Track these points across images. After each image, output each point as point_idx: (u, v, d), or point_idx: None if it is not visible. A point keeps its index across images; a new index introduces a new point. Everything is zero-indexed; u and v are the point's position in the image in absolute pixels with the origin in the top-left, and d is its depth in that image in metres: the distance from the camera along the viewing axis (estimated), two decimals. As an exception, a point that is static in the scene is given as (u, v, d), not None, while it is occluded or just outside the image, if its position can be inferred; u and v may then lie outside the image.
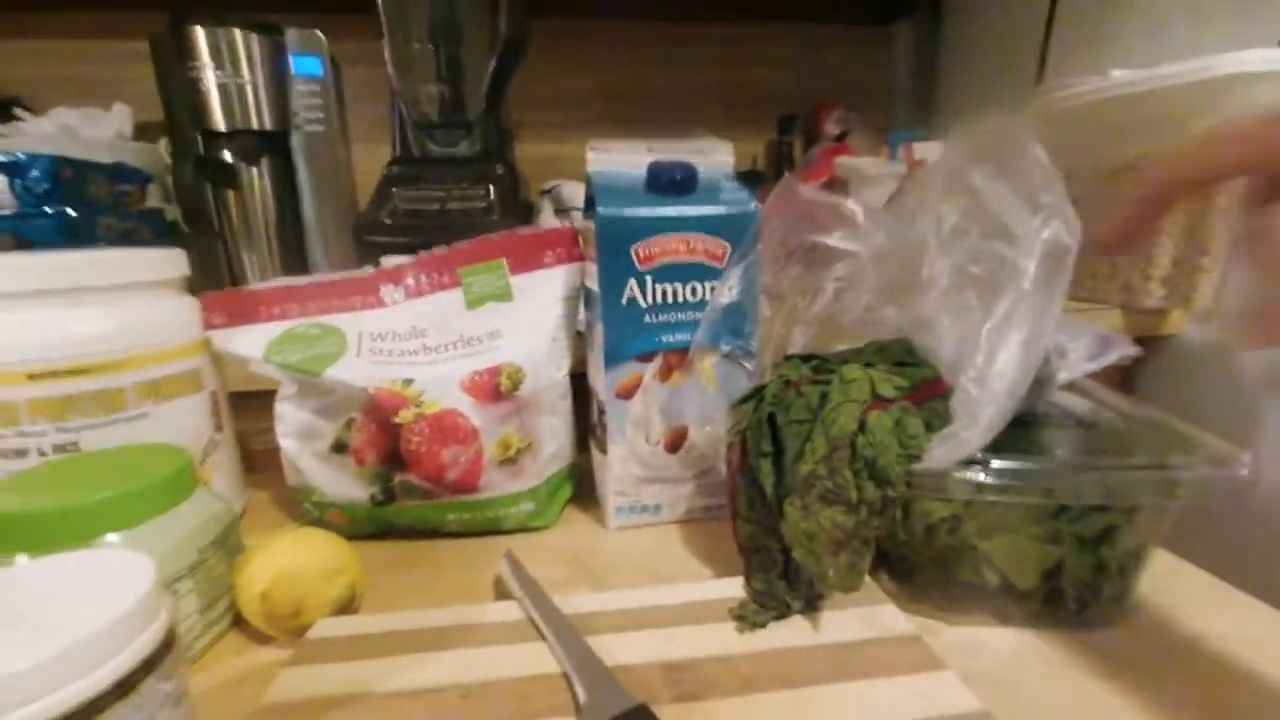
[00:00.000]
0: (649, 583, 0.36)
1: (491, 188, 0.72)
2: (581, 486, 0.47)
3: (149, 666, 0.21)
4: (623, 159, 0.41)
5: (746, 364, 0.41)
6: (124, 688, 0.20)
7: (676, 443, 0.42)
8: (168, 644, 0.22)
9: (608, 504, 0.42)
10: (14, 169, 0.67)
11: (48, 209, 0.69)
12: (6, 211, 0.67)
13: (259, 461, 0.50)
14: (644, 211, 0.38)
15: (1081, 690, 0.28)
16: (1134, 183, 0.24)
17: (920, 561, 0.34)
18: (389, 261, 0.44)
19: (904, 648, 0.28)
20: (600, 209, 0.38)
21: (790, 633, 0.29)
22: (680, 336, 0.40)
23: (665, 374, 0.40)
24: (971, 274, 0.33)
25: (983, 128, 0.36)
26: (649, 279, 0.38)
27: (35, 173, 0.68)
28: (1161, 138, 0.66)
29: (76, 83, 0.99)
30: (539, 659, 0.27)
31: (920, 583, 0.34)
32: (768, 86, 1.23)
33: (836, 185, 0.73)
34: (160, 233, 0.82)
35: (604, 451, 0.42)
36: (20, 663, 0.18)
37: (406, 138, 0.73)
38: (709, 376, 0.41)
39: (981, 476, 0.29)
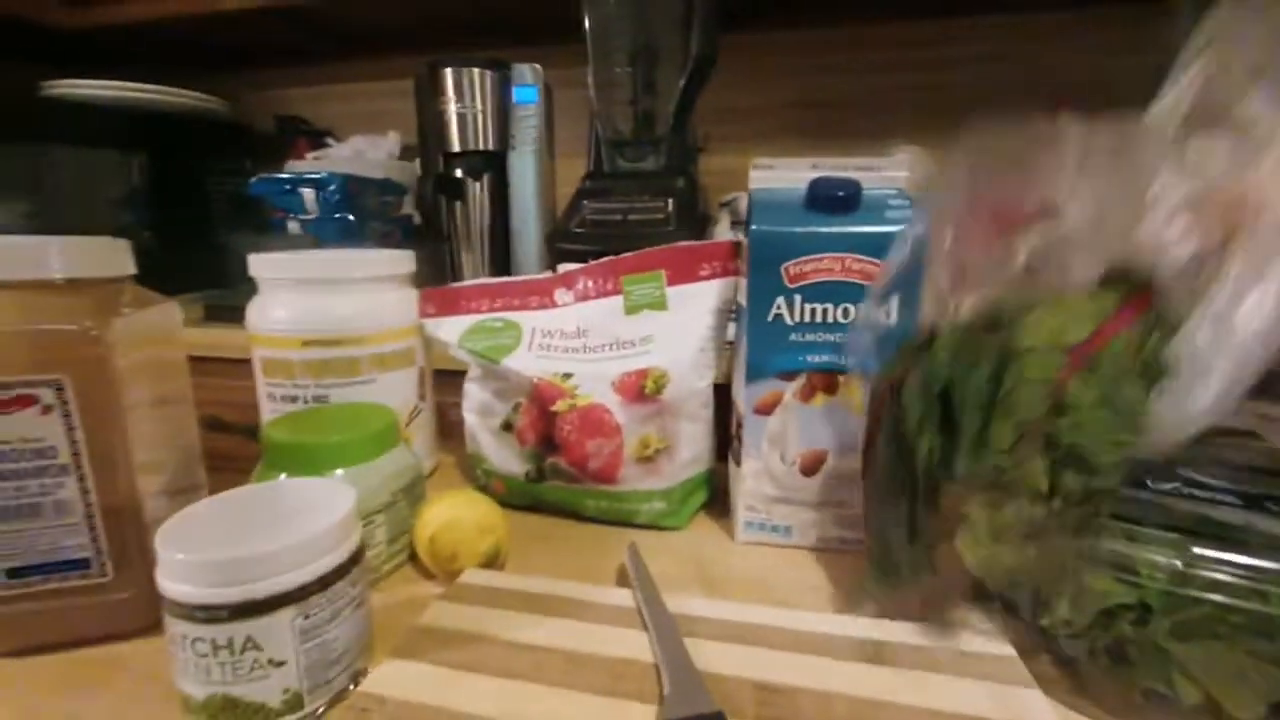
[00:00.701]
0: (764, 601, 0.35)
1: (670, 200, 0.76)
2: (716, 496, 0.47)
3: (341, 572, 0.27)
4: (787, 175, 0.41)
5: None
6: (324, 582, 0.26)
7: (814, 466, 0.40)
8: (356, 558, 0.28)
9: (737, 517, 0.43)
10: (319, 184, 0.87)
11: (336, 215, 0.89)
12: (310, 217, 0.88)
13: (453, 430, 0.59)
14: (798, 229, 0.38)
15: None
16: None
17: (1092, 649, 0.29)
18: (564, 268, 0.49)
19: (1041, 740, 0.24)
20: (754, 225, 0.38)
21: (902, 686, 0.27)
22: (826, 357, 0.38)
23: (808, 394, 0.39)
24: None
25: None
26: (798, 297, 0.38)
27: (332, 187, 0.88)
28: None
29: (367, 116, 1.26)
30: (638, 647, 0.29)
31: (1090, 675, 0.29)
32: (979, 87, 1.10)
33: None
34: (408, 235, 1.01)
35: (738, 464, 0.42)
36: (262, 547, 0.25)
37: (600, 154, 0.80)
38: (856, 403, 0.39)
39: (1180, 564, 0.24)
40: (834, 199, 0.38)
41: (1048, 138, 0.32)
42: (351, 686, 0.27)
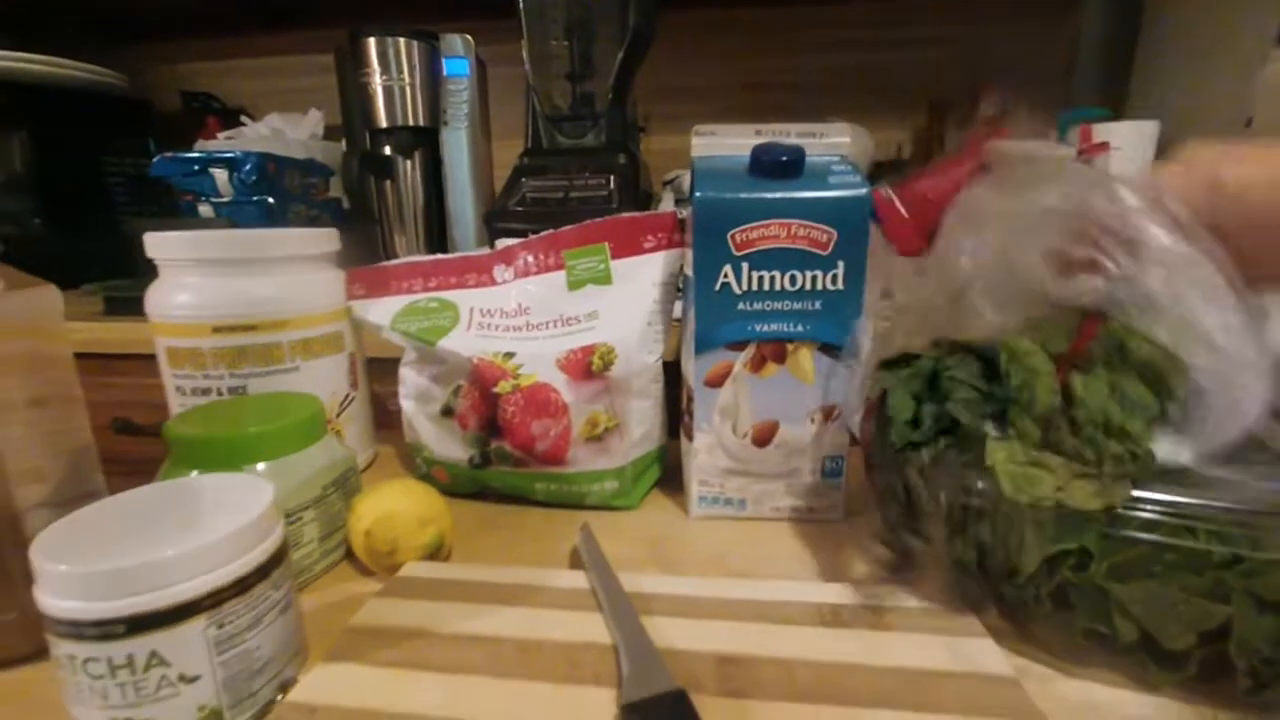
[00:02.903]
0: (720, 575, 0.35)
1: (612, 177, 0.74)
2: (671, 473, 0.47)
3: (261, 573, 0.24)
4: (729, 143, 0.40)
5: (850, 360, 0.39)
6: (241, 586, 0.23)
7: (766, 437, 0.40)
8: (278, 558, 0.25)
9: (691, 492, 0.42)
10: (233, 164, 0.81)
11: (254, 197, 0.82)
12: (225, 200, 0.81)
13: (393, 421, 0.56)
14: (743, 195, 0.37)
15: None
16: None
17: (1038, 596, 0.29)
18: (503, 243, 0.47)
19: (995, 688, 0.24)
20: (698, 192, 0.37)
21: (862, 648, 0.27)
22: (775, 326, 0.38)
23: (758, 364, 0.39)
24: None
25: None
26: (745, 265, 0.37)
27: (248, 167, 0.81)
28: None
29: (286, 94, 1.17)
30: (595, 629, 0.27)
31: (1034, 622, 0.30)
32: (917, 69, 1.14)
33: (983, 173, 0.65)
34: (338, 219, 0.95)
35: (690, 438, 0.41)
36: (161, 552, 0.22)
37: (538, 131, 0.77)
38: (806, 371, 0.39)
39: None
40: (778, 164, 0.37)
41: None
42: (279, 697, 0.25)
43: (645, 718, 0.21)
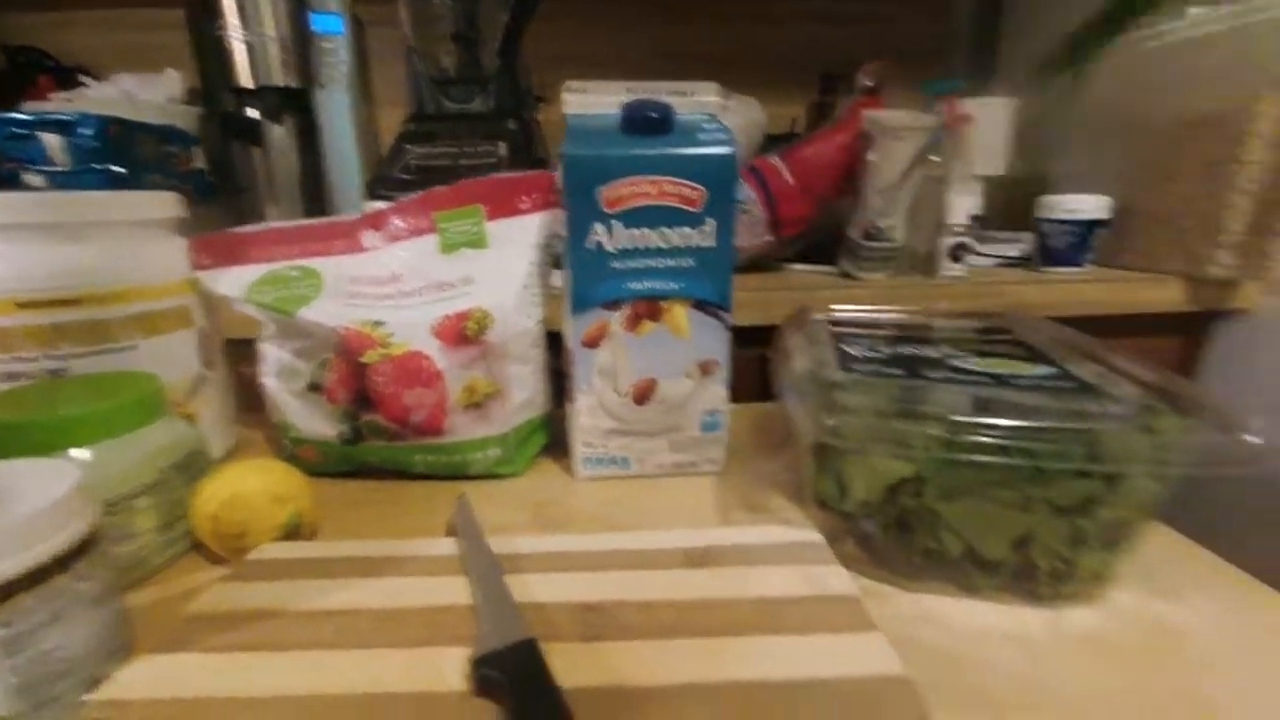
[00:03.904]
0: (603, 532, 0.35)
1: (503, 144, 0.72)
2: (558, 439, 0.46)
3: (61, 565, 0.22)
4: (601, 100, 0.39)
5: (723, 315, 0.40)
6: (33, 579, 0.21)
7: (645, 394, 0.40)
8: (84, 548, 0.23)
9: (575, 454, 0.42)
10: (65, 127, 0.71)
11: (95, 166, 0.73)
12: (58, 169, 0.72)
13: (261, 402, 0.52)
14: (612, 151, 0.36)
15: (1031, 673, 0.25)
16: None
17: (885, 524, 0.32)
18: (371, 207, 0.44)
19: (838, 607, 0.26)
20: (568, 150, 0.36)
21: (723, 584, 0.28)
22: (650, 284, 0.38)
23: (633, 323, 0.39)
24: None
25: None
26: (616, 223, 0.37)
27: (84, 131, 0.72)
28: (1238, 86, 0.59)
29: (134, 50, 1.04)
30: (458, 592, 0.27)
31: (882, 548, 0.32)
32: (810, 44, 1.17)
33: (862, 140, 0.68)
34: (204, 192, 0.86)
35: (572, 401, 0.41)
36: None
37: (422, 95, 0.73)
38: (681, 327, 0.39)
39: (943, 431, 0.27)
40: (647, 120, 0.37)
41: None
42: (88, 697, 0.22)
43: (494, 668, 0.21)
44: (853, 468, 0.31)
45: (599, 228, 0.37)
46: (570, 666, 0.22)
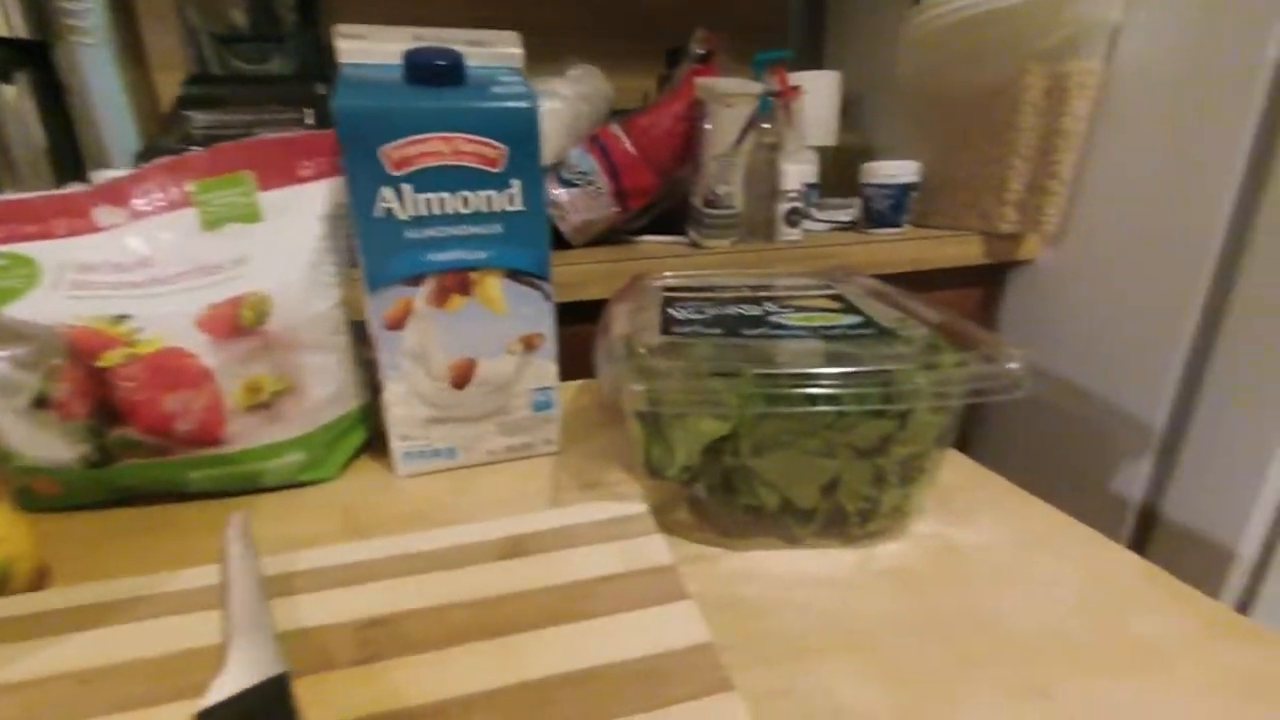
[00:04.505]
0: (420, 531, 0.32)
1: (311, 111, 0.63)
2: (383, 431, 0.42)
3: None
4: (383, 49, 0.35)
5: (542, 285, 0.37)
6: None
7: (465, 376, 0.37)
8: None
9: (394, 449, 0.38)
10: None
11: None
12: None
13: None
14: (395, 104, 0.32)
15: (840, 612, 0.26)
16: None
17: (710, 486, 0.31)
18: (103, 176, 0.36)
19: (652, 580, 0.25)
20: (338, 101, 0.31)
21: (533, 573, 0.26)
22: (454, 254, 0.35)
23: (441, 298, 0.35)
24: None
25: None
26: (407, 187, 0.33)
27: None
28: (1011, 60, 0.66)
29: None
30: (204, 630, 0.22)
31: (711, 510, 0.32)
32: (658, 18, 1.16)
33: (697, 107, 0.68)
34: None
35: (382, 390, 0.37)
36: None
37: (203, 53, 0.62)
38: (495, 300, 0.36)
39: (748, 386, 0.26)
40: (434, 69, 0.33)
41: None
42: None
43: (225, 718, 0.17)
44: (675, 432, 0.30)
45: (387, 193, 0.33)
46: (335, 697, 0.19)
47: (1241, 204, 0.58)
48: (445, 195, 0.33)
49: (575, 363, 0.44)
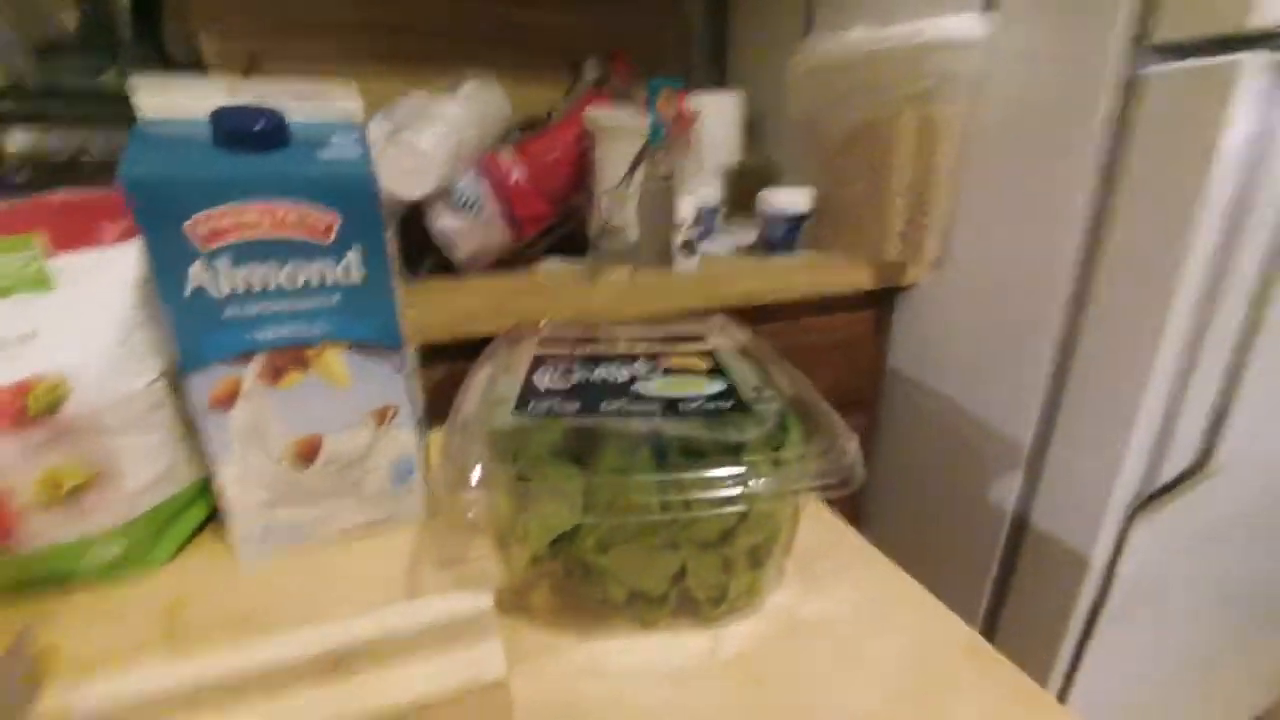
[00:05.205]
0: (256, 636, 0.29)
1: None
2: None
3: None
4: (191, 104, 0.31)
5: (393, 354, 0.35)
6: None
7: (309, 453, 0.34)
8: None
9: (233, 535, 0.35)
10: None
11: None
12: None
13: None
14: (196, 172, 0.29)
15: (677, 708, 0.26)
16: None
17: (566, 571, 0.30)
18: None
19: (479, 703, 0.24)
20: (127, 169, 0.28)
21: (354, 699, 0.24)
22: (284, 330, 0.32)
23: (274, 376, 0.32)
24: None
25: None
26: (221, 262, 0.30)
27: None
28: (885, 101, 0.68)
29: None
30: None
31: (554, 595, 0.31)
32: (559, 31, 1.13)
33: (588, 139, 0.67)
34: None
35: (214, 475, 0.33)
36: None
37: (14, 63, 0.55)
38: (338, 375, 0.34)
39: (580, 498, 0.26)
40: (248, 135, 0.30)
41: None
42: None
43: None
44: (531, 517, 0.29)
45: (197, 269, 0.30)
46: None
47: (1090, 230, 0.63)
48: (270, 269, 0.31)
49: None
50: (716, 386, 0.36)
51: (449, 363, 0.62)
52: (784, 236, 0.77)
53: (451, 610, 0.28)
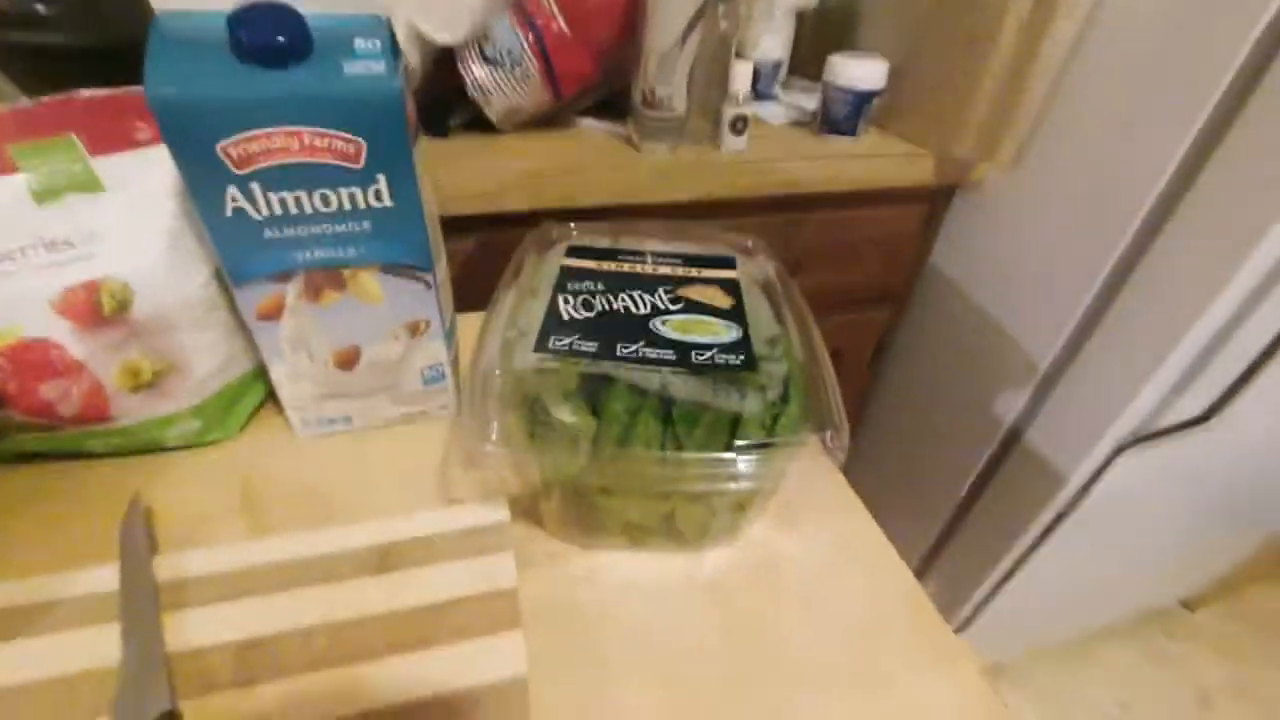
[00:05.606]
0: (315, 514, 0.35)
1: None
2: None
3: None
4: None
5: (424, 276, 0.36)
6: None
7: (349, 360, 0.38)
8: None
9: (290, 416, 0.40)
10: None
11: None
12: None
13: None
14: (223, 93, 0.28)
15: (657, 622, 0.32)
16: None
17: (565, 498, 0.35)
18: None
19: (494, 605, 0.30)
20: (152, 89, 0.27)
21: (391, 595, 0.29)
22: (320, 253, 0.33)
23: (314, 294, 0.34)
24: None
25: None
26: (255, 185, 0.30)
27: None
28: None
29: None
30: (101, 648, 0.26)
31: (561, 515, 0.36)
32: None
33: (641, -19, 0.58)
34: None
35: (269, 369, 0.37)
36: None
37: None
38: (371, 294, 0.35)
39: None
40: (266, 48, 0.28)
41: None
42: None
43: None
44: (543, 460, 0.33)
45: (234, 193, 0.30)
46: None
47: (1196, 152, 0.56)
48: (302, 194, 0.31)
49: (489, 283, 0.39)
50: (731, 335, 0.36)
51: (480, 233, 0.62)
52: (847, 116, 0.70)
53: (475, 520, 0.33)
